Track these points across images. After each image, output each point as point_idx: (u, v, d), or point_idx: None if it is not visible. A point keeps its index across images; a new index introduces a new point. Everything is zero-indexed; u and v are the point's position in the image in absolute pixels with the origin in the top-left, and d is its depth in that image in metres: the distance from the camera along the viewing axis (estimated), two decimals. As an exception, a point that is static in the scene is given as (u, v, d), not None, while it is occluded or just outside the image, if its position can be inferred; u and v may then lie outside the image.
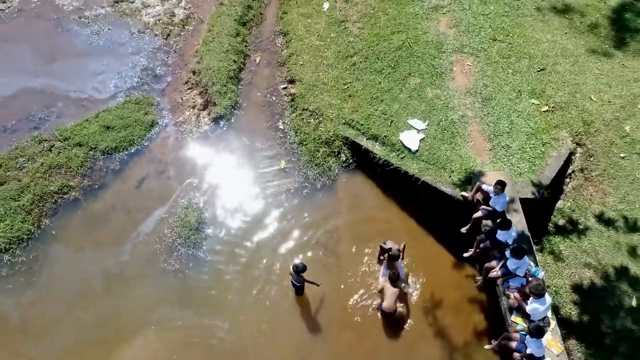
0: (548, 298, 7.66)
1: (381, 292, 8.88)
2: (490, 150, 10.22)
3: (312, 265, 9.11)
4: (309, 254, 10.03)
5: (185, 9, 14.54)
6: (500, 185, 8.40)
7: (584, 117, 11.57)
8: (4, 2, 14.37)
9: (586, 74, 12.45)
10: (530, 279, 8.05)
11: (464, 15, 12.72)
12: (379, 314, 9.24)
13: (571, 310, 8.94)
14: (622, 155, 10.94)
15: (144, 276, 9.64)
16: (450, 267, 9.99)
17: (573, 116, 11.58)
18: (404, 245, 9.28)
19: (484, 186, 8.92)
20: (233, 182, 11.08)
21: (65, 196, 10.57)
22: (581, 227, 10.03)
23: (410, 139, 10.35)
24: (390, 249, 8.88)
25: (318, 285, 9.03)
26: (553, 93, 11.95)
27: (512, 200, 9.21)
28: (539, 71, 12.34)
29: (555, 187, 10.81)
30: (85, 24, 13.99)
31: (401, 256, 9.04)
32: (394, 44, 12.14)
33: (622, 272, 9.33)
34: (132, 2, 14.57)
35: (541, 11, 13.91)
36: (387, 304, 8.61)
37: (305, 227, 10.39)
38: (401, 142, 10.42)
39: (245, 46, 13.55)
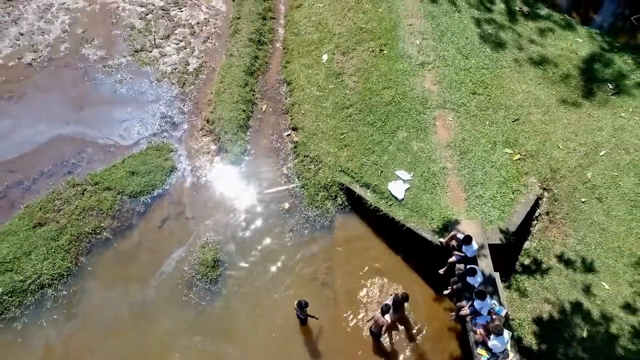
0: (507, 335, 9.27)
1: (372, 319, 10.45)
2: (466, 199, 11.84)
3: (312, 298, 10.69)
4: (310, 287, 11.64)
5: (198, 58, 16.15)
6: (469, 239, 10.03)
7: (552, 164, 13.17)
8: (35, 52, 15.97)
9: (556, 123, 14.05)
10: (494, 317, 9.65)
11: (447, 71, 14.32)
12: (369, 335, 10.86)
13: (532, 340, 10.56)
14: (583, 199, 12.54)
15: (167, 308, 11.23)
16: (432, 301, 11.60)
17: (542, 163, 13.18)
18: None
19: (458, 235, 10.53)
20: (243, 222, 12.69)
21: (98, 236, 12.17)
22: (544, 266, 11.64)
23: (397, 188, 11.96)
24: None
25: (317, 319, 10.64)
26: (525, 142, 13.56)
27: (482, 247, 10.82)
28: (514, 121, 13.94)
29: (524, 229, 12.42)
30: (109, 73, 15.59)
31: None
32: (384, 98, 13.76)
33: (577, 307, 10.95)
34: (150, 52, 16.18)
35: (518, 62, 15.51)
36: (376, 328, 10.19)
37: (306, 264, 11.99)
38: (389, 191, 12.03)
39: (253, 95, 15.16)
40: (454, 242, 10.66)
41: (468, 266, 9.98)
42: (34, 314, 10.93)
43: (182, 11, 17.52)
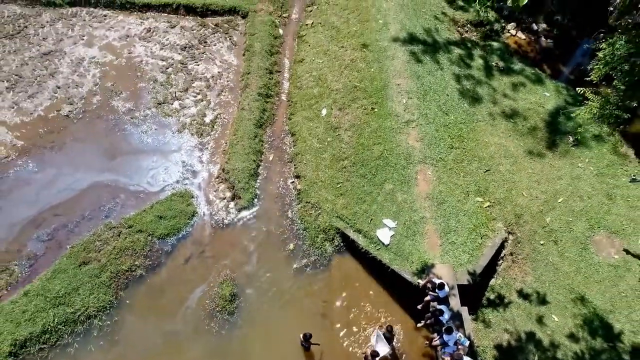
0: (467, 361, 11.66)
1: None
2: (440, 245, 14.20)
3: (313, 326, 13.04)
4: (312, 316, 13.99)
5: (213, 110, 18.50)
6: (442, 285, 12.43)
7: (516, 210, 15.53)
8: (71, 104, 18.30)
9: (522, 173, 16.40)
10: (459, 347, 12.00)
11: (428, 128, 16.68)
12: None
13: (492, 365, 12.94)
14: (541, 242, 14.91)
15: (193, 337, 13.59)
16: (412, 329, 13.96)
17: (508, 210, 15.54)
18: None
19: (433, 279, 12.90)
20: (255, 261, 15.04)
21: (133, 273, 14.51)
22: (506, 300, 14.01)
23: (384, 235, 14.31)
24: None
25: (319, 345, 13.01)
26: (494, 190, 15.91)
27: (452, 287, 13.17)
28: (485, 172, 16.29)
29: (491, 267, 14.78)
30: (136, 124, 17.93)
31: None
32: (374, 153, 16.12)
33: (530, 336, 13.33)
34: (172, 104, 18.52)
35: (492, 116, 17.86)
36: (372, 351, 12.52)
37: (308, 297, 14.35)
38: (377, 237, 14.38)
39: (262, 145, 17.50)
40: (429, 284, 13.02)
41: (438, 307, 12.34)
42: (84, 341, 13.28)
43: (198, 65, 19.87)
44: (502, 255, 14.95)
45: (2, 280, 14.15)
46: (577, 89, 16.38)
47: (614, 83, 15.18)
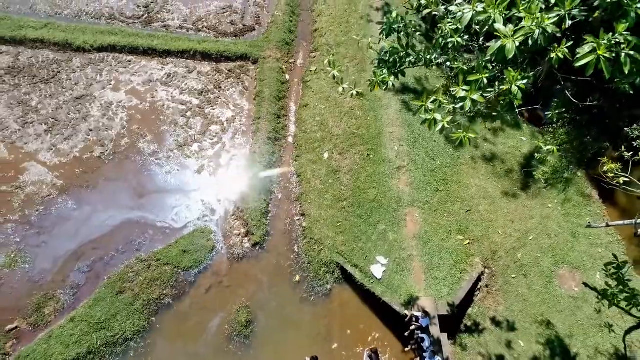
0: (444, 382, 14.08)
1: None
2: (424, 280, 16.63)
3: (316, 347, 15.47)
4: (315, 339, 16.43)
5: (228, 152, 20.93)
6: (425, 315, 14.85)
7: (492, 247, 17.95)
8: (102, 146, 20.73)
9: (498, 213, 18.80)
10: (438, 369, 14.45)
11: (417, 173, 19.11)
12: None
13: (467, 383, 15.37)
14: (513, 276, 17.31)
15: (213, 358, 16.02)
16: (400, 353, 16.39)
17: (485, 246, 17.96)
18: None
19: (416, 313, 15.34)
20: (267, 290, 17.47)
21: (162, 301, 16.94)
22: (481, 327, 16.44)
23: (377, 270, 16.75)
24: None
25: (321, 365, 15.47)
26: (474, 229, 18.33)
27: (433, 317, 15.62)
28: (466, 212, 18.70)
29: (469, 298, 17.20)
30: (160, 165, 20.36)
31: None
32: (369, 196, 18.55)
33: (500, 358, 15.74)
34: (191, 147, 20.95)
35: (474, 159, 20.26)
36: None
37: (312, 322, 16.79)
38: (371, 272, 16.82)
39: (271, 185, 19.93)
40: (413, 318, 15.44)
41: (421, 335, 14.78)
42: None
43: (214, 109, 22.30)
44: (478, 287, 17.36)
45: (50, 307, 16.61)
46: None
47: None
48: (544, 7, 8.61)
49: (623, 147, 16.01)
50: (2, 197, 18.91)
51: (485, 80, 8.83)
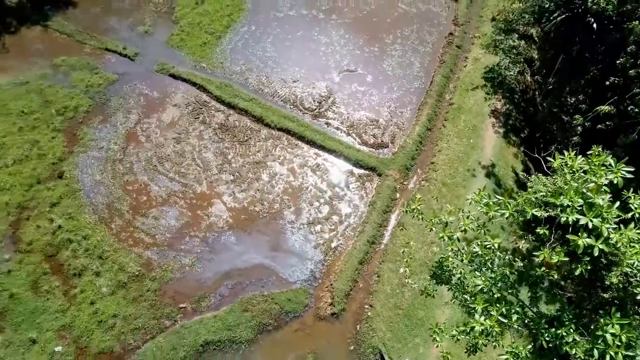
0: None
1: None
2: (431, 390, 24.41)
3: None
4: (347, 394, 25.13)
5: (338, 240, 30.14)
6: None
7: None
8: (261, 204, 31.05)
9: None
10: None
11: (457, 312, 26.62)
12: None
13: None
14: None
15: (286, 376, 25.50)
16: None
17: None
18: None
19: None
20: (330, 347, 26.47)
21: (267, 327, 26.71)
22: None
23: (403, 369, 24.88)
24: None
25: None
26: (482, 367, 25.48)
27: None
28: (482, 353, 25.87)
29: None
30: (292, 232, 30.16)
31: None
32: (418, 314, 26.55)
33: None
34: (316, 226, 30.44)
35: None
36: None
37: (350, 381, 25.54)
38: (399, 368, 25.00)
39: (358, 275, 28.75)
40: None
41: None
42: (233, 357, 25.84)
43: (339, 203, 31.56)
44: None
45: (205, 302, 27.24)
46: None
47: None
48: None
49: None
50: (198, 218, 30.06)
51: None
